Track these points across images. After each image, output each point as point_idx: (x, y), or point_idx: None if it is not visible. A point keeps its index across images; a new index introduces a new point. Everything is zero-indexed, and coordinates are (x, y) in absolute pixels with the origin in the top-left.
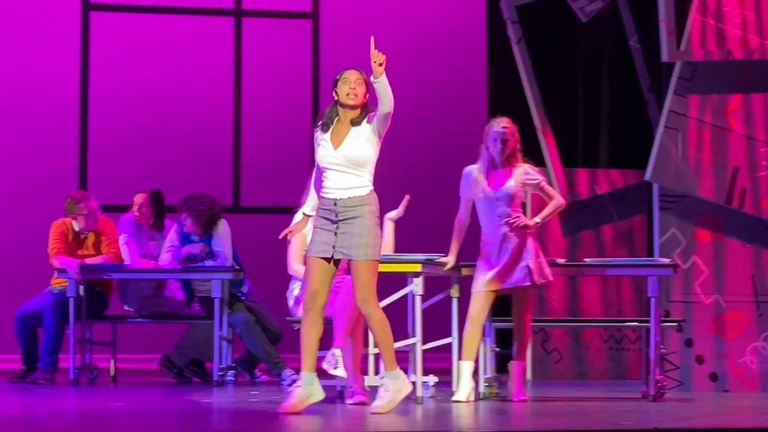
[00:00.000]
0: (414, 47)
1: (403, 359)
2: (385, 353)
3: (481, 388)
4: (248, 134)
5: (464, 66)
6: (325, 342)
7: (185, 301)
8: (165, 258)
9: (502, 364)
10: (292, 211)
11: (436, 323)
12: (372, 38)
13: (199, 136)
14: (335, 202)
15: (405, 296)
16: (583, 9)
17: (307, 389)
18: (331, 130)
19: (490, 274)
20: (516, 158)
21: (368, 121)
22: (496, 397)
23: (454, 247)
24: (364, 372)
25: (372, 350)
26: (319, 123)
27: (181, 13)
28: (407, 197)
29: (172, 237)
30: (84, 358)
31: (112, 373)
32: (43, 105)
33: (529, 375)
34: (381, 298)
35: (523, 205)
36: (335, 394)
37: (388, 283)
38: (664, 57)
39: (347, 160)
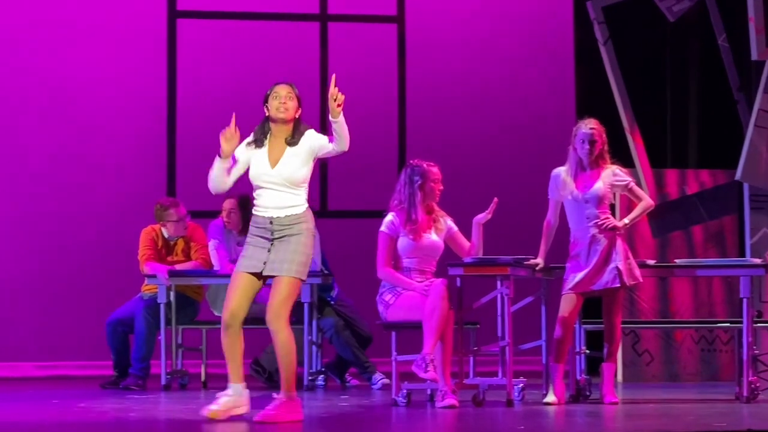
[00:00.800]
0: (500, 49)
1: (493, 362)
2: (285, 374)
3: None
4: None
5: (551, 67)
6: (417, 346)
7: None
8: None
9: (592, 366)
10: (381, 214)
11: (526, 326)
12: (333, 76)
13: None
14: (271, 220)
15: (494, 299)
16: (671, 8)
17: (235, 399)
18: (265, 147)
19: (580, 276)
20: (604, 159)
21: (311, 145)
22: (586, 399)
23: (543, 249)
24: (455, 375)
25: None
26: (252, 140)
27: (267, 19)
28: (495, 200)
29: None
30: (175, 363)
31: (202, 378)
32: (131, 112)
33: (619, 377)
34: (471, 300)
35: (612, 207)
36: (425, 398)
37: (478, 285)
38: (754, 55)
39: (284, 180)
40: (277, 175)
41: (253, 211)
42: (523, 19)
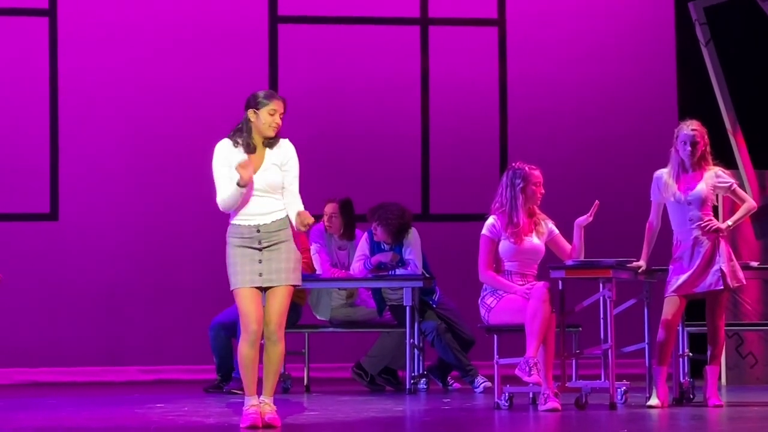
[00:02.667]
0: (601, 51)
1: (596, 365)
2: (275, 381)
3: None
4: (436, 142)
5: (653, 68)
6: (519, 349)
7: (376, 309)
8: (356, 267)
9: (696, 369)
10: (483, 217)
11: (629, 328)
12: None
13: (388, 144)
14: (258, 228)
15: (597, 302)
16: None
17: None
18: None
19: (683, 278)
20: (706, 161)
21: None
22: (690, 402)
23: (645, 251)
24: (557, 378)
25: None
26: (241, 144)
27: (368, 23)
28: (597, 202)
29: (362, 246)
30: None
31: (305, 382)
32: (232, 115)
33: (723, 380)
34: (573, 303)
35: (715, 208)
36: (528, 401)
37: (579, 288)
38: None
39: (267, 185)
40: (262, 181)
41: (234, 221)
42: (625, 20)
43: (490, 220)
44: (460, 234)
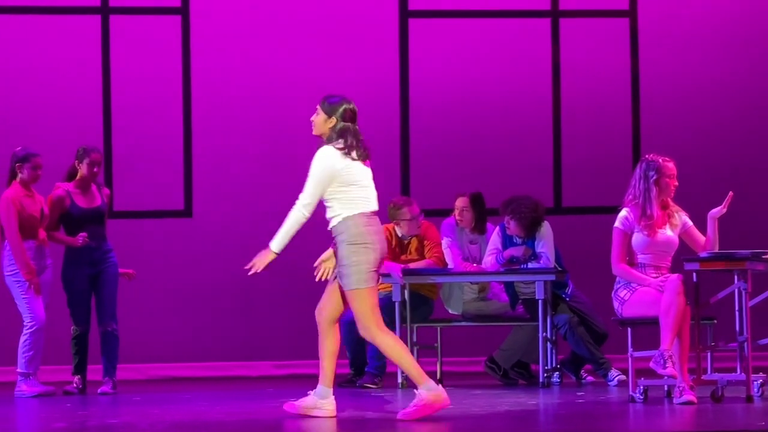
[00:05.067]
0: (736, 41)
1: (731, 357)
2: (408, 372)
3: None
4: (568, 134)
5: None
6: (653, 342)
7: (509, 303)
8: (488, 261)
9: None
10: (615, 210)
11: (765, 320)
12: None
13: (519, 137)
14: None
15: (731, 294)
16: None
17: (314, 400)
18: None
19: None
20: None
21: None
22: None
23: None
24: (692, 371)
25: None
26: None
27: (499, 17)
28: (730, 194)
29: (494, 240)
30: None
31: (438, 376)
32: (364, 111)
33: None
34: (707, 295)
35: None
36: (662, 394)
37: (714, 280)
38: None
39: None
40: None
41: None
42: (760, 7)
43: (623, 212)
44: (593, 227)
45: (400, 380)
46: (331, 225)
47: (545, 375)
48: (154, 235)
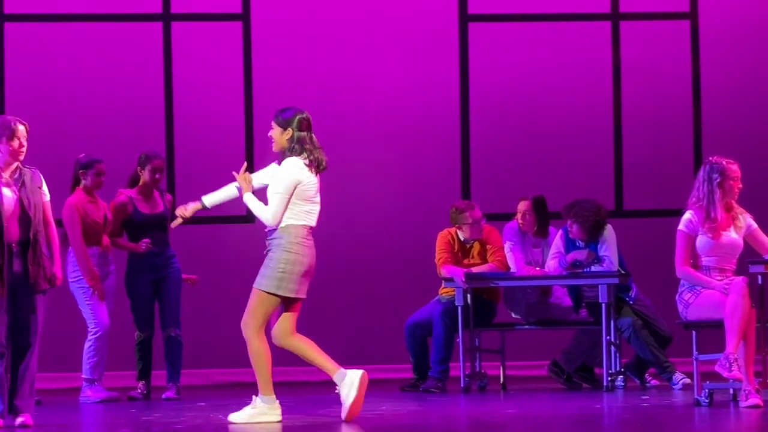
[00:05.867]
0: None
1: None
2: (259, 379)
3: None
4: (629, 137)
5: None
6: (717, 345)
7: (572, 307)
8: (551, 265)
9: None
10: (679, 212)
11: None
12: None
13: (581, 140)
14: None
15: None
16: None
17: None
18: None
19: None
20: None
21: None
22: None
23: None
24: (758, 374)
25: None
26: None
27: (559, 20)
28: None
29: (557, 243)
30: (474, 365)
31: (501, 380)
32: (425, 115)
33: None
34: None
35: None
36: (728, 398)
37: None
38: None
39: None
40: None
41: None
42: None
43: (687, 215)
44: (656, 230)
45: (462, 384)
46: (270, 227)
47: (609, 379)
48: (216, 241)
